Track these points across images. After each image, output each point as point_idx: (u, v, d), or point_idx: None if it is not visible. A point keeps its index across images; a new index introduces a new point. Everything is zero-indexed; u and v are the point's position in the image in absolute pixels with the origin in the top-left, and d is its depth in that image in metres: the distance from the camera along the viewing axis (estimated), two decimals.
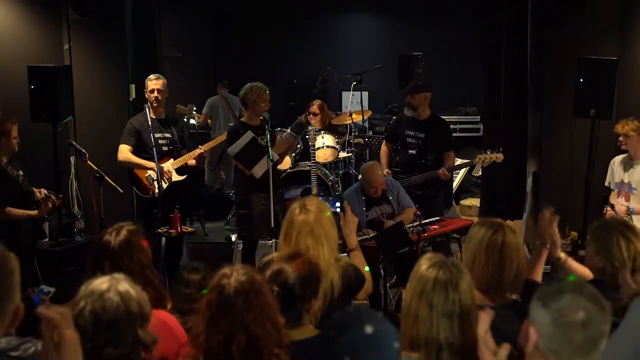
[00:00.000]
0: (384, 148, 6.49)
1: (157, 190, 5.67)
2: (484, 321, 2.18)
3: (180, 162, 5.98)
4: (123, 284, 2.15)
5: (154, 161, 5.66)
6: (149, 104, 5.88)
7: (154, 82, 5.88)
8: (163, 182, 5.76)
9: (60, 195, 5.48)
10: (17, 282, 1.89)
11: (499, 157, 5.94)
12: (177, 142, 6.03)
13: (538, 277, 3.19)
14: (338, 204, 6.85)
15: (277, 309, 2.34)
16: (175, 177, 5.97)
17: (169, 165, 5.91)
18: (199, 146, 6.13)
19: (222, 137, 6.45)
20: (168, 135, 5.97)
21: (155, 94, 5.86)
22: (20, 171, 5.30)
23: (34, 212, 5.20)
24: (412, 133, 6.17)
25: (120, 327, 2.08)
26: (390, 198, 5.58)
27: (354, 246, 3.44)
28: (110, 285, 2.13)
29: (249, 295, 2.27)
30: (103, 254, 2.78)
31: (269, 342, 2.25)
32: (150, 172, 5.84)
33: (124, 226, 2.87)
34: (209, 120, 9.30)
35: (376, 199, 5.55)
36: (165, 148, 5.94)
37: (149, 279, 2.82)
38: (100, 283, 2.14)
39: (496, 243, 2.74)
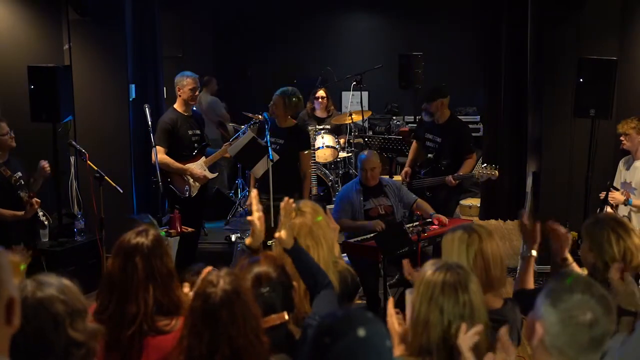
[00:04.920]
0: (413, 145, 6.62)
1: (192, 189, 5.83)
2: (464, 339, 2.17)
3: (212, 160, 6.04)
4: (44, 288, 1.89)
5: (188, 160, 5.72)
6: (181, 101, 5.86)
7: (195, 80, 5.88)
8: (197, 183, 5.87)
9: (38, 200, 5.25)
10: (6, 278, 1.71)
11: (494, 174, 5.99)
12: (206, 138, 6.07)
13: (529, 286, 3.14)
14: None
15: (259, 318, 2.31)
16: (210, 175, 6.05)
17: (202, 164, 5.95)
18: (226, 143, 6.24)
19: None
20: (198, 132, 6.00)
21: (196, 92, 5.94)
22: (19, 173, 5.24)
23: (21, 213, 5.17)
24: (430, 136, 6.26)
25: (46, 336, 1.85)
26: (388, 193, 5.59)
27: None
28: (29, 292, 1.88)
29: (234, 306, 2.23)
30: (135, 253, 2.69)
31: (252, 354, 2.22)
32: (191, 171, 5.88)
33: (148, 228, 2.79)
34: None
35: (374, 190, 5.56)
36: (197, 145, 5.98)
37: (171, 285, 2.75)
38: (22, 289, 1.88)
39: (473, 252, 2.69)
